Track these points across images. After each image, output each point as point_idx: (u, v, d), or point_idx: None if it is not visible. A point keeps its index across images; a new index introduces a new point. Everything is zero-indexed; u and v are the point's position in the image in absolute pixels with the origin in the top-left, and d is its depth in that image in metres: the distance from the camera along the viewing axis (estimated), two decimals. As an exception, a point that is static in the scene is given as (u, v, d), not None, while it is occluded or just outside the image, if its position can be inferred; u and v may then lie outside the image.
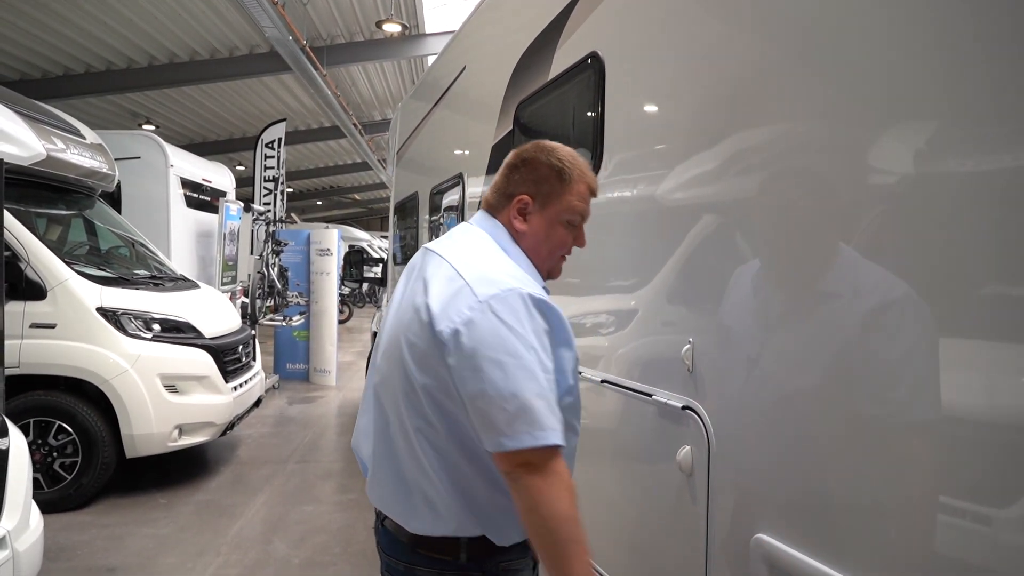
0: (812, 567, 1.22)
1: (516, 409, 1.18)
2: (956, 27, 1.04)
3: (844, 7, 1.25)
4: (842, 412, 1.21)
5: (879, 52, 1.16)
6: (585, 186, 1.45)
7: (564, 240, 1.47)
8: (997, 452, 0.95)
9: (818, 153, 1.30)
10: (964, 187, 1.02)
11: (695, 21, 1.73)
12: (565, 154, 1.45)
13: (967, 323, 1.01)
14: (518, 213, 1.45)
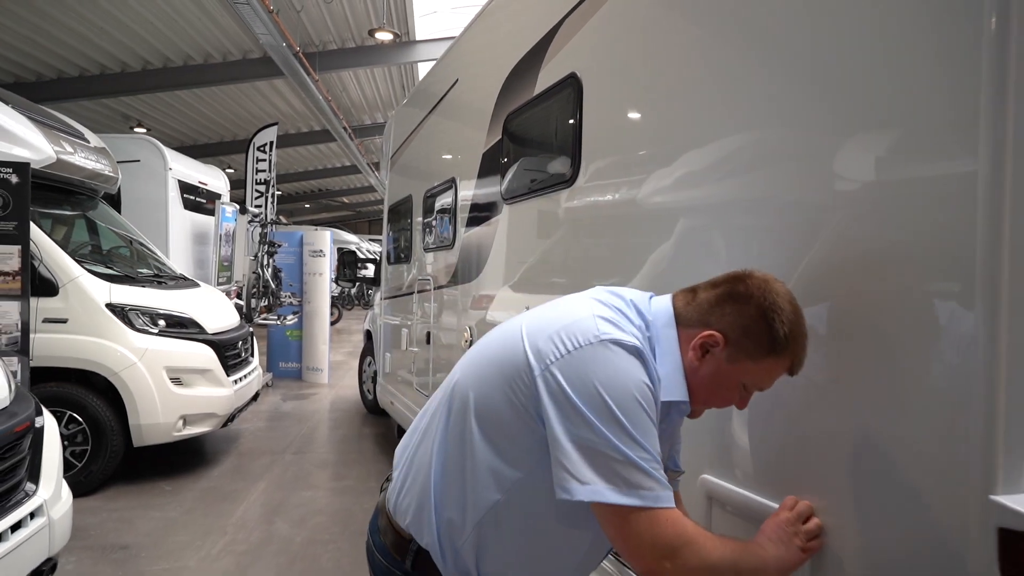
0: (738, 493, 1.55)
1: None
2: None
3: (792, 30, 1.56)
4: (773, 394, 1.52)
5: (828, 71, 1.47)
6: (788, 363, 1.24)
7: (728, 399, 1.29)
8: (860, 410, 1.27)
9: (768, 163, 1.61)
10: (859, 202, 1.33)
11: (662, 48, 2.03)
12: (789, 320, 1.20)
13: (847, 319, 1.32)
14: (700, 347, 1.24)
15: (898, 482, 1.22)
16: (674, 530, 1.12)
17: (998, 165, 1.06)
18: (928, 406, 1.16)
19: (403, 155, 5.77)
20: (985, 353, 1.07)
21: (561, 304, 1.32)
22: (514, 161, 3.15)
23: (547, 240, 2.77)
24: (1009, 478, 1.06)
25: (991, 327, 1.07)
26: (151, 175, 7.69)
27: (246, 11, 8.87)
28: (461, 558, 1.29)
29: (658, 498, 1.12)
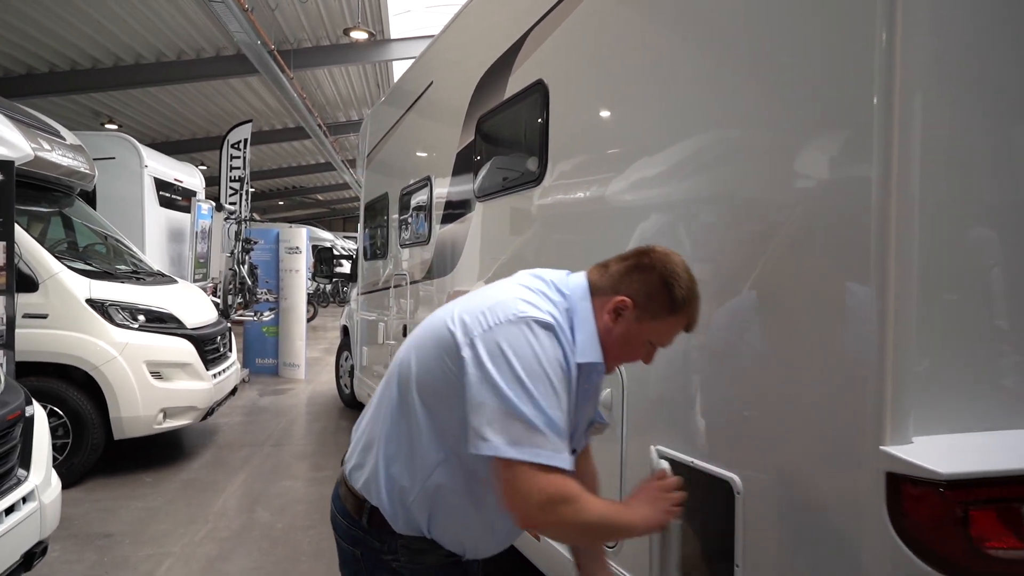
0: (690, 462, 1.75)
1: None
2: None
3: (730, 45, 1.76)
4: (702, 369, 1.72)
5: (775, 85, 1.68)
6: (685, 321, 1.42)
7: (637, 355, 1.47)
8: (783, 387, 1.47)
9: (711, 163, 1.81)
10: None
11: (621, 57, 2.22)
12: (685, 285, 1.39)
13: (766, 302, 1.53)
14: (614, 311, 1.40)
15: (807, 438, 1.43)
16: (556, 487, 1.24)
17: (887, 172, 1.27)
18: (832, 376, 1.38)
19: (379, 153, 5.91)
20: (877, 335, 1.28)
21: (491, 288, 1.48)
22: (486, 161, 3.32)
23: (517, 235, 2.95)
24: (895, 434, 1.27)
25: (882, 310, 1.28)
26: (127, 172, 7.71)
27: (221, 9, 8.90)
28: (412, 516, 1.42)
29: (549, 457, 1.24)
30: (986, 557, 1.22)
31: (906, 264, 1.28)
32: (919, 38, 1.29)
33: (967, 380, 1.34)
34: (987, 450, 1.28)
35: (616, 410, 2.10)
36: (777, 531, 1.52)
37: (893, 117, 1.27)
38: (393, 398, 1.46)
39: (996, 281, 1.37)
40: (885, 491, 1.26)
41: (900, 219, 1.27)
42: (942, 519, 1.21)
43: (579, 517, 1.27)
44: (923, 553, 1.23)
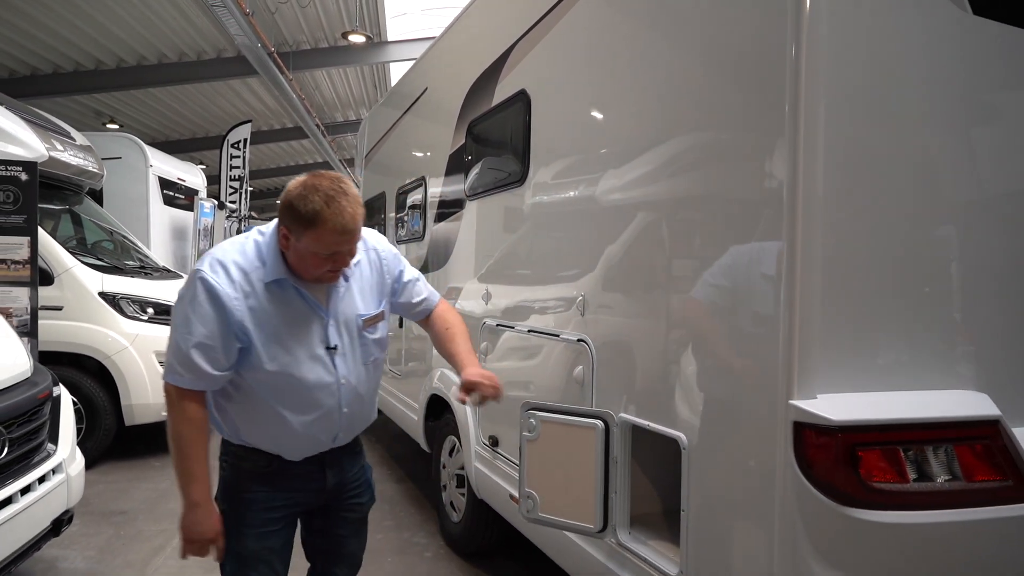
0: (647, 425, 2.05)
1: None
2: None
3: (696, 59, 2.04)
4: (662, 344, 2.01)
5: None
6: (325, 233, 1.62)
7: (319, 263, 1.69)
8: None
9: (670, 167, 2.09)
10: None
11: (596, 70, 2.49)
12: (311, 207, 1.61)
13: (700, 284, 1.81)
14: (284, 237, 1.70)
15: (736, 398, 1.71)
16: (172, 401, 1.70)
17: (793, 177, 1.56)
18: (753, 345, 1.66)
19: (377, 154, 6.18)
20: (787, 312, 1.56)
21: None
22: (476, 162, 3.60)
23: (504, 232, 3.22)
24: (802, 390, 1.55)
25: (790, 292, 1.56)
26: (133, 172, 7.98)
27: (222, 12, 9.17)
28: (225, 424, 1.83)
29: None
30: (872, 489, 1.50)
31: (811, 260, 1.56)
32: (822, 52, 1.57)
33: (866, 348, 1.62)
34: (877, 405, 1.56)
35: (587, 385, 2.38)
36: (713, 479, 1.80)
37: (799, 122, 1.55)
38: None
39: (892, 264, 1.64)
40: (792, 437, 1.54)
41: (806, 216, 1.55)
42: (836, 459, 1.49)
43: (170, 428, 1.72)
44: (822, 487, 1.51)
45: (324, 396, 1.79)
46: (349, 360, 1.84)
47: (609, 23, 2.38)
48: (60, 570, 3.51)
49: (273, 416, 1.76)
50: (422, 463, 5.12)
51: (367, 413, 1.97)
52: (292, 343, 1.75)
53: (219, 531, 1.76)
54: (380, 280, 1.95)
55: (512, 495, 2.89)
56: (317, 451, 1.87)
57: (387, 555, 3.71)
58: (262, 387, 1.75)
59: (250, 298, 1.70)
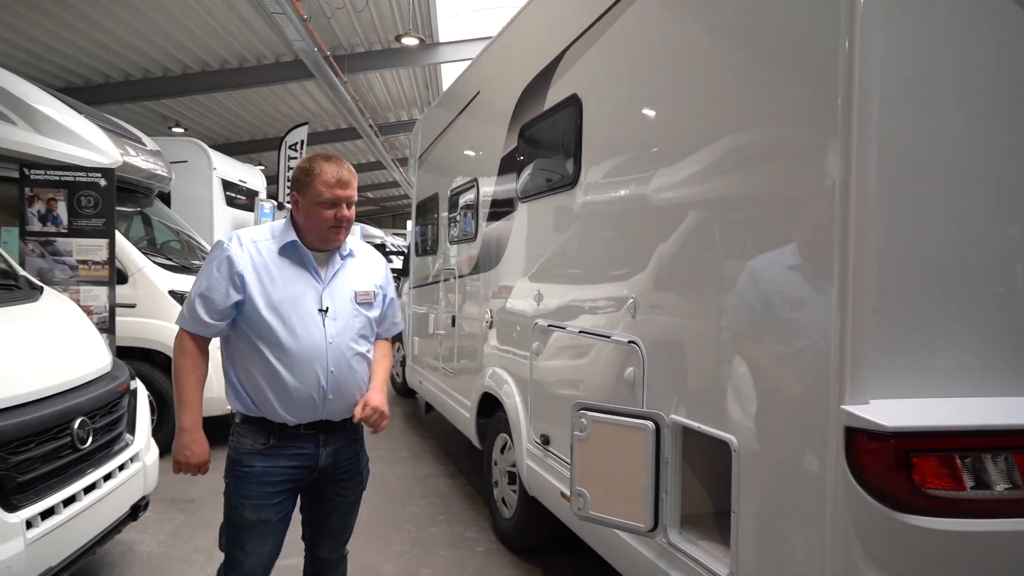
0: (697, 427, 2.08)
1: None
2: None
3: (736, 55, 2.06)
4: (714, 346, 2.03)
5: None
6: (327, 179, 2.03)
7: (324, 214, 2.04)
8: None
9: (719, 167, 2.11)
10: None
11: (647, 74, 2.51)
12: (314, 164, 2.06)
13: (749, 290, 1.83)
14: (294, 201, 2.11)
15: (787, 402, 1.72)
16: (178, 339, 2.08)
17: (846, 174, 1.56)
18: (805, 350, 1.67)
19: (430, 156, 6.30)
20: (839, 315, 1.57)
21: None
22: (528, 164, 3.66)
23: (555, 233, 3.27)
24: (854, 395, 1.56)
25: (842, 296, 1.56)
26: (197, 174, 8.33)
27: (281, 19, 9.48)
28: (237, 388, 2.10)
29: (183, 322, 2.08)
30: (927, 496, 1.50)
31: (864, 262, 1.56)
32: (877, 46, 1.56)
33: (922, 353, 1.61)
34: (933, 411, 1.56)
35: (638, 386, 2.42)
36: (764, 481, 1.82)
37: (852, 118, 1.55)
38: None
39: (949, 265, 1.63)
40: (844, 442, 1.55)
41: (859, 215, 1.55)
42: (889, 465, 1.50)
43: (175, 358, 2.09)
44: (875, 493, 1.51)
45: (313, 352, 2.04)
46: (339, 325, 2.10)
47: (661, 24, 2.40)
48: (137, 553, 3.74)
49: (269, 370, 2.03)
50: (474, 459, 5.22)
51: (356, 383, 2.16)
52: (288, 301, 2.04)
53: (205, 458, 2.10)
54: (376, 277, 2.27)
55: (563, 493, 2.94)
56: (310, 412, 2.09)
57: (440, 549, 3.81)
58: (261, 338, 2.02)
59: (255, 257, 2.05)
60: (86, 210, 4.53)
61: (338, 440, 2.18)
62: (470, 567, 3.60)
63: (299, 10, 9.46)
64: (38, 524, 2.43)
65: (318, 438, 2.12)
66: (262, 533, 2.10)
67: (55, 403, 2.71)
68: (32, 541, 2.36)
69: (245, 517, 2.08)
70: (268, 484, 2.08)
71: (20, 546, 2.31)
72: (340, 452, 2.19)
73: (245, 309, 2.02)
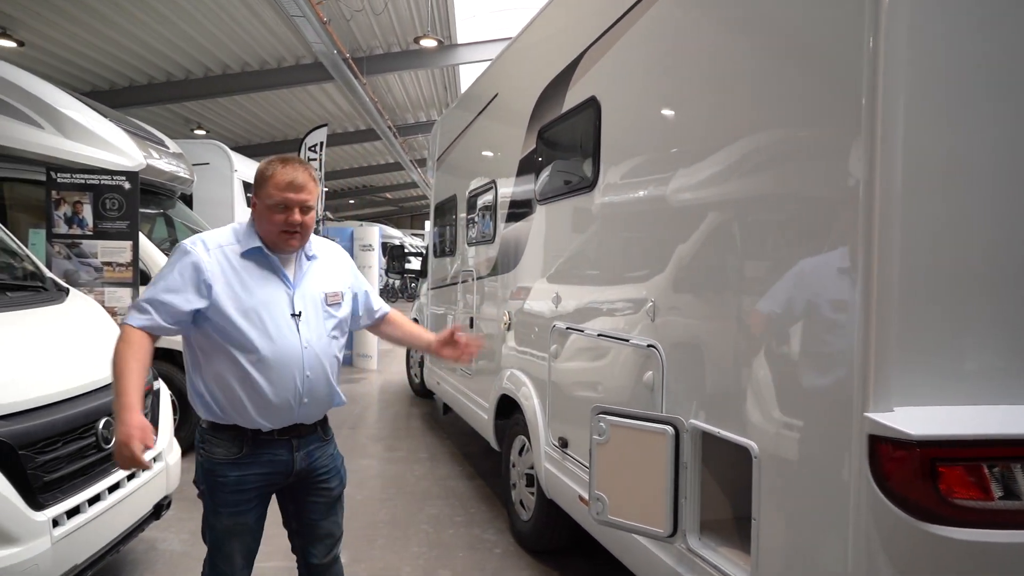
0: (717, 432, 2.06)
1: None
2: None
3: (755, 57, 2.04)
4: (734, 350, 2.01)
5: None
6: (277, 182, 1.98)
7: (275, 217, 2.00)
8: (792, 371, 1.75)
9: (738, 168, 2.09)
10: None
11: (664, 77, 2.50)
12: (270, 166, 2.03)
13: (772, 296, 1.81)
14: (253, 206, 2.08)
15: (809, 408, 1.70)
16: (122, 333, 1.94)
17: (870, 175, 1.54)
18: (827, 355, 1.65)
19: (448, 158, 6.32)
20: (863, 320, 1.54)
21: None
22: (546, 167, 3.65)
23: (574, 235, 3.26)
24: (878, 402, 1.54)
25: (865, 299, 1.54)
26: (219, 176, 8.42)
27: (301, 22, 9.57)
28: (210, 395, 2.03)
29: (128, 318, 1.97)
30: (953, 505, 1.47)
31: (888, 265, 1.53)
32: (902, 44, 1.53)
33: (949, 359, 1.58)
34: (960, 419, 1.53)
35: (657, 390, 2.40)
36: (786, 488, 1.80)
37: (877, 117, 1.52)
38: None
39: (978, 268, 1.59)
40: (867, 450, 1.52)
41: (883, 218, 1.53)
42: (914, 473, 1.47)
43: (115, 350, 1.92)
44: (899, 502, 1.49)
45: (288, 357, 2.02)
46: (312, 328, 2.09)
47: (680, 25, 2.38)
48: (160, 551, 3.79)
49: (244, 377, 1.98)
50: (493, 461, 5.23)
51: (328, 386, 2.16)
52: (261, 307, 2.01)
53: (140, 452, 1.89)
54: (344, 276, 2.27)
55: (581, 496, 2.93)
56: (286, 417, 2.07)
57: (458, 551, 3.82)
58: (235, 345, 1.97)
59: (222, 263, 2.00)
60: (110, 213, 4.60)
61: (311, 443, 2.17)
62: (488, 569, 3.60)
63: (319, 13, 9.54)
64: (64, 522, 2.47)
65: (291, 443, 2.11)
66: (240, 534, 2.12)
67: (80, 403, 2.76)
68: (58, 539, 2.40)
69: (223, 523, 2.09)
70: (243, 491, 2.07)
71: (47, 544, 2.35)
72: (314, 454, 2.18)
73: (212, 316, 1.97)
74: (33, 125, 4.99)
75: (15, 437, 2.36)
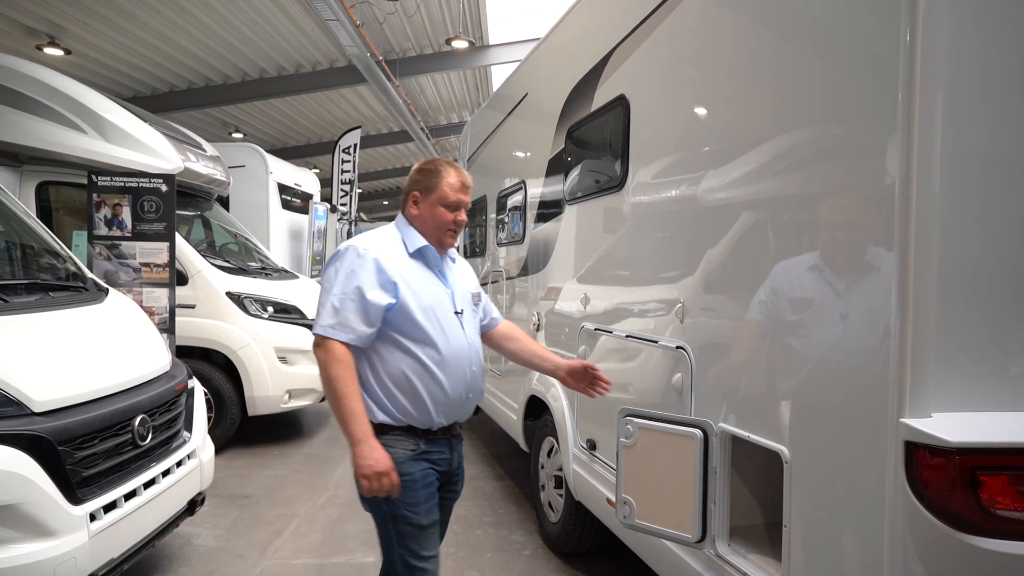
0: (747, 436, 2.01)
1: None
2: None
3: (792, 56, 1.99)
4: (765, 353, 1.96)
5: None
6: (452, 181, 2.10)
7: (445, 217, 2.10)
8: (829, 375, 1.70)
9: (770, 167, 2.04)
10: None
11: (693, 77, 2.45)
12: (439, 166, 2.13)
13: (806, 302, 1.75)
14: (413, 203, 2.14)
15: (842, 412, 1.65)
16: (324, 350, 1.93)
17: (907, 174, 1.48)
18: (862, 358, 1.59)
19: (479, 158, 6.33)
20: (899, 320, 1.49)
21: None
22: (575, 166, 3.62)
23: (603, 235, 3.23)
24: (914, 408, 1.48)
25: (902, 301, 1.48)
26: (254, 179, 8.58)
27: (335, 26, 9.68)
28: (388, 398, 2.02)
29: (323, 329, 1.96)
30: (995, 516, 1.41)
31: (926, 264, 1.48)
32: (941, 38, 1.47)
33: (986, 366, 1.52)
34: (1000, 425, 1.46)
35: (686, 393, 2.36)
36: (817, 495, 1.74)
37: (914, 116, 1.47)
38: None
39: (1016, 272, 1.53)
40: (904, 458, 1.47)
41: (921, 217, 1.47)
42: (953, 482, 1.41)
43: (325, 370, 1.93)
44: (937, 511, 1.43)
45: (461, 352, 2.08)
46: (471, 325, 2.18)
47: (710, 21, 2.34)
48: (195, 546, 3.86)
49: (425, 374, 2.01)
50: (521, 461, 5.21)
51: (484, 381, 2.23)
52: (434, 304, 2.06)
53: (390, 464, 1.90)
54: (475, 277, 2.36)
55: (609, 499, 2.90)
56: (457, 413, 2.12)
57: (486, 551, 3.81)
58: (417, 342, 2.00)
59: (396, 262, 2.03)
60: (148, 215, 4.71)
61: (460, 441, 2.23)
62: (516, 570, 3.59)
63: (352, 16, 9.65)
64: (101, 517, 2.53)
65: (450, 441, 2.15)
66: (433, 535, 2.09)
67: (117, 401, 2.82)
68: (95, 533, 2.46)
69: (421, 523, 2.03)
70: (429, 485, 2.06)
71: (84, 538, 2.41)
72: (458, 451, 2.22)
73: (396, 316, 1.99)
74: (77, 130, 5.14)
75: (54, 433, 2.42)
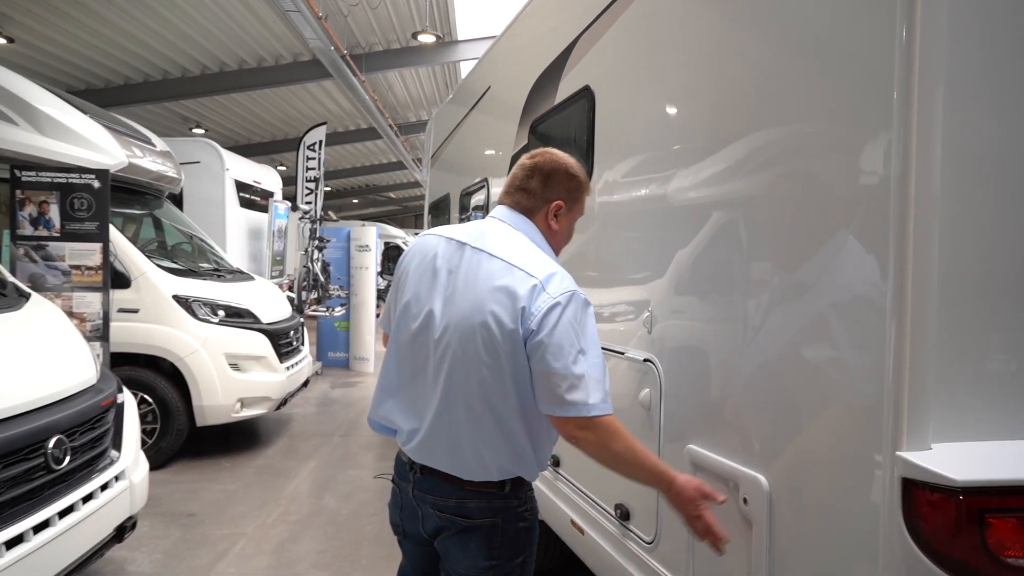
0: (717, 460, 1.79)
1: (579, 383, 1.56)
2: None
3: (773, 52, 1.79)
4: (734, 374, 1.76)
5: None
6: (588, 195, 1.87)
7: (571, 236, 1.87)
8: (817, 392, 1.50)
9: (746, 166, 1.84)
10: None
11: (665, 61, 2.25)
12: (578, 166, 1.81)
13: (794, 323, 1.55)
14: (555, 215, 1.77)
15: (830, 441, 1.45)
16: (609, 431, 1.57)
17: (904, 173, 1.29)
18: (853, 381, 1.40)
19: (442, 155, 6.09)
20: (895, 340, 1.30)
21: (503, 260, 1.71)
22: (539, 164, 3.40)
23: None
24: (913, 439, 1.29)
25: (899, 318, 1.29)
26: (210, 175, 8.22)
27: (297, 18, 9.33)
28: (541, 461, 1.73)
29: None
30: (1006, 565, 1.22)
31: (924, 274, 1.28)
32: (940, 34, 1.29)
33: (992, 389, 1.34)
34: (1011, 459, 1.28)
35: (655, 410, 2.15)
36: (800, 532, 1.55)
37: (912, 113, 1.28)
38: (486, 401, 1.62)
39: (1020, 289, 1.35)
40: (900, 496, 1.27)
41: (919, 222, 1.28)
42: (957, 526, 1.22)
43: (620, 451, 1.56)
44: (938, 558, 1.24)
45: None
46: None
47: (682, 6, 2.14)
48: (128, 573, 3.56)
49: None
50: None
51: None
52: None
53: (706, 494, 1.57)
54: None
55: (573, 520, 2.70)
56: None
57: (446, 572, 3.58)
58: None
59: None
60: (79, 213, 4.37)
61: None
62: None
63: (314, 8, 9.31)
64: (2, 554, 2.24)
65: None
66: None
67: (27, 421, 2.53)
68: (-5, 573, 2.18)
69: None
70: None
71: (-21, 580, 2.13)
72: None
73: None
74: (7, 121, 4.77)
75: (-57, 461, 2.14)
